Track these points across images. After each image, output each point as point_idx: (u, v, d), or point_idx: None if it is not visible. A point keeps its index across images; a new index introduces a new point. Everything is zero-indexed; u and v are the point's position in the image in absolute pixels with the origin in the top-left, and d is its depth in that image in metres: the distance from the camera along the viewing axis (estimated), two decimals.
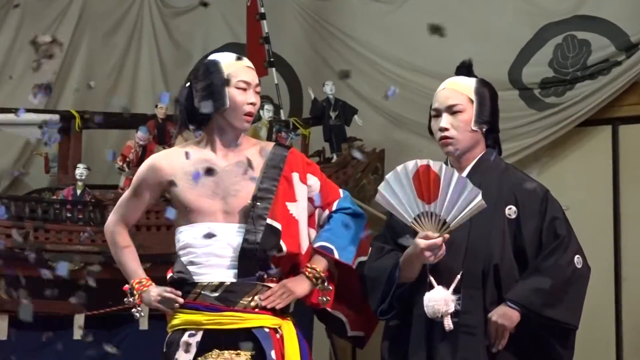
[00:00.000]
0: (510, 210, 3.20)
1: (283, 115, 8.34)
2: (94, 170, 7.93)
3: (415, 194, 3.08)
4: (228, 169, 3.25)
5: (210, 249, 3.21)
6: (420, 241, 3.07)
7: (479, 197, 3.03)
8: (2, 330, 6.76)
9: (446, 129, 3.24)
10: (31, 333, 6.17)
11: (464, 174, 3.21)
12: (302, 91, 9.04)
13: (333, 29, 9.15)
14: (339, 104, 8.26)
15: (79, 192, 7.54)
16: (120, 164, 7.77)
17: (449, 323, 3.10)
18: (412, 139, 8.23)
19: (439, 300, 3.10)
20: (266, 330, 3.19)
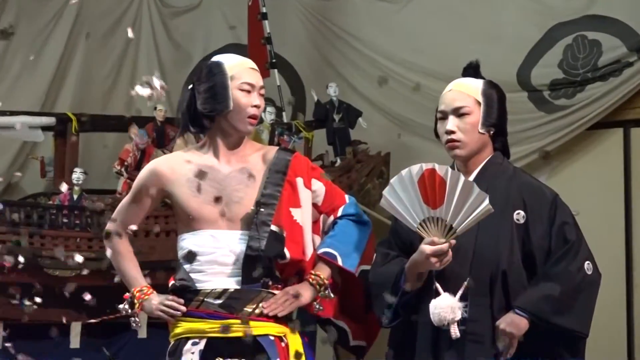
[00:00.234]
0: (519, 215, 3.12)
1: (285, 117, 8.29)
2: (91, 175, 7.89)
3: (420, 198, 3.03)
4: (231, 176, 3.17)
5: (214, 256, 3.13)
6: (425, 247, 3.03)
7: (486, 202, 2.97)
8: None
9: (453, 132, 3.18)
10: (27, 342, 6.05)
11: (471, 177, 3.15)
12: (305, 93, 9.00)
13: (336, 29, 9.12)
14: (343, 106, 8.19)
15: (75, 197, 7.51)
16: (118, 168, 7.77)
17: (455, 331, 3.06)
18: (418, 142, 8.18)
19: (446, 307, 3.05)
20: (271, 338, 3.12)
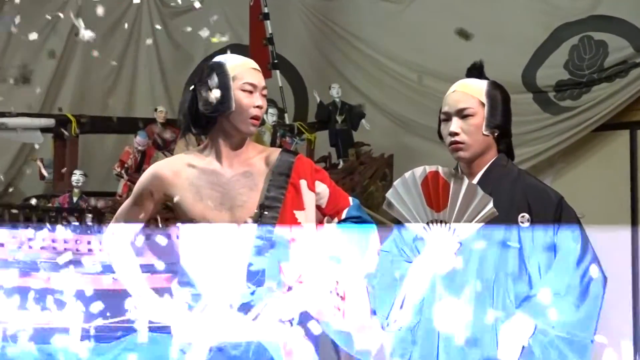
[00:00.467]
0: (523, 218, 3.04)
1: (287, 119, 8.23)
2: (90, 177, 7.81)
3: (424, 201, 2.98)
4: (234, 179, 3.08)
5: (218, 259, 3.04)
6: (429, 250, 2.99)
7: (490, 205, 2.91)
8: None
9: (456, 134, 3.10)
10: (27, 345, 6.05)
11: (475, 180, 3.08)
12: (308, 94, 8.93)
13: (339, 29, 9.05)
14: (346, 107, 8.11)
15: (75, 200, 7.43)
16: (118, 170, 7.70)
17: (459, 336, 2.99)
18: (422, 143, 8.10)
19: (449, 312, 3.00)
20: (276, 341, 3.03)
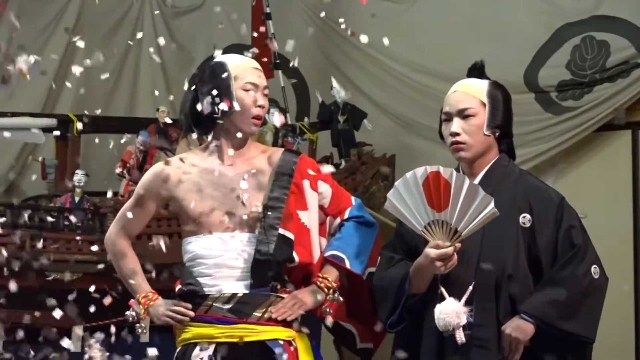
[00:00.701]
0: (525, 219, 3.08)
1: (289, 119, 8.19)
2: (92, 177, 7.80)
3: (425, 201, 2.98)
4: (237, 178, 3.12)
5: (221, 259, 3.09)
6: (430, 251, 2.98)
7: (492, 205, 2.92)
8: None
9: (457, 134, 3.14)
10: (27, 346, 6.04)
11: (477, 180, 3.11)
12: (309, 94, 8.94)
13: (341, 30, 9.01)
14: (348, 107, 8.09)
15: (77, 200, 7.42)
16: (120, 170, 7.68)
17: (461, 336, 3.01)
18: (424, 144, 8.11)
19: (451, 312, 3.01)
20: (280, 342, 3.07)
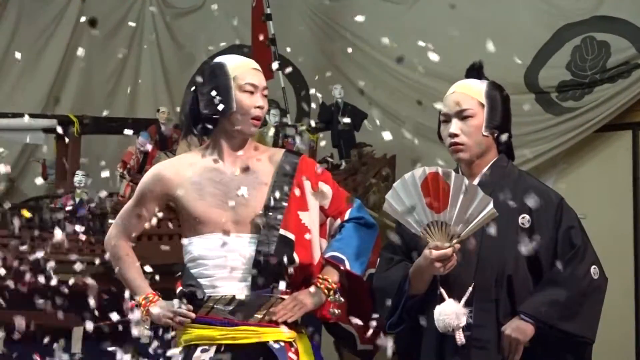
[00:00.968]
0: (524, 219, 3.07)
1: (290, 120, 8.19)
2: (92, 177, 7.74)
3: (424, 202, 2.97)
4: (237, 178, 3.12)
5: (222, 260, 3.08)
6: (430, 252, 2.97)
7: (491, 206, 2.92)
8: None
9: (456, 135, 3.13)
10: (27, 347, 6.04)
11: (476, 181, 3.10)
12: (310, 95, 8.93)
13: (342, 30, 9.02)
14: (348, 108, 8.07)
15: (77, 200, 7.43)
16: (120, 170, 7.69)
17: (460, 337, 3.01)
18: (425, 144, 8.04)
19: (450, 313, 3.01)
20: (281, 343, 3.07)
